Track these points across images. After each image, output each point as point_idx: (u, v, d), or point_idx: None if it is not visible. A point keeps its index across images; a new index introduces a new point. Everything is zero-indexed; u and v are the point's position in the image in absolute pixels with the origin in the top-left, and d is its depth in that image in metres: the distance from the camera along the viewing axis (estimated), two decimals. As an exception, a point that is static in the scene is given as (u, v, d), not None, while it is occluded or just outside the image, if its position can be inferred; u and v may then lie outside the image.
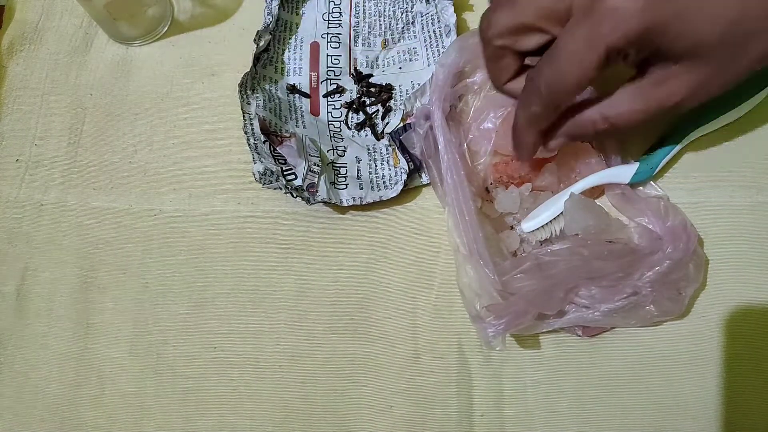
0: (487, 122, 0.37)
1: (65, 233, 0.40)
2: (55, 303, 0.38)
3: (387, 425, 0.35)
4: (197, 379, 0.36)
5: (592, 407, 0.34)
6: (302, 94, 0.42)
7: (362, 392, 0.36)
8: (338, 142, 0.41)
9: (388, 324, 0.37)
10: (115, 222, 0.40)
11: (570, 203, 0.34)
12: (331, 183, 0.38)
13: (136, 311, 0.38)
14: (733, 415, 0.34)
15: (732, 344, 0.35)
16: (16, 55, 0.45)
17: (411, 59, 0.42)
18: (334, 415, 0.35)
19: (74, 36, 0.45)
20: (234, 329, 0.37)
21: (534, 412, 0.34)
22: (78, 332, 0.38)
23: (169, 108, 0.43)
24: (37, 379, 0.37)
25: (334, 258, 0.38)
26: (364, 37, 0.43)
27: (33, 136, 0.43)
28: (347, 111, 0.42)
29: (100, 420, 0.36)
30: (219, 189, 0.40)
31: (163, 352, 0.37)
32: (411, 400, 0.35)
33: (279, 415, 0.36)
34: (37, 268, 0.39)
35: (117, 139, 0.42)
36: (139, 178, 0.41)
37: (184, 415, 0.36)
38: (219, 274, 0.38)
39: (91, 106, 0.43)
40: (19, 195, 0.41)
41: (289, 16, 0.44)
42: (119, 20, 0.42)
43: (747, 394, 0.34)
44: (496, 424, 0.34)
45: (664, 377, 0.34)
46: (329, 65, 0.43)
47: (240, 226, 0.39)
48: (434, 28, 0.42)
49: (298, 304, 0.37)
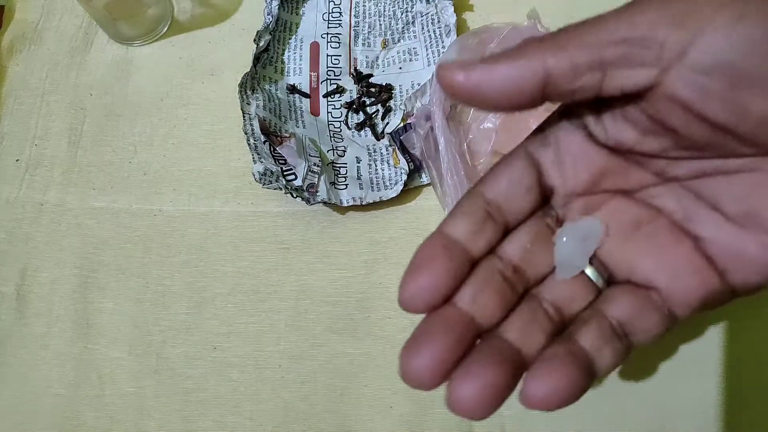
0: (487, 122, 0.37)
1: (65, 233, 0.40)
2: (54, 303, 0.38)
3: (387, 425, 0.35)
4: (197, 379, 0.36)
5: (591, 407, 0.34)
6: (302, 94, 0.42)
7: (362, 392, 0.36)
8: (338, 142, 0.41)
9: (388, 324, 0.37)
10: (115, 222, 0.40)
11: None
12: (331, 183, 0.38)
13: (135, 311, 0.38)
14: (733, 415, 0.34)
15: (732, 344, 0.35)
16: (16, 55, 0.45)
17: (411, 59, 0.42)
18: (334, 415, 0.35)
19: (74, 36, 0.45)
20: (234, 329, 0.37)
21: (534, 412, 0.34)
22: (78, 332, 0.38)
23: (169, 108, 0.43)
24: (37, 380, 0.37)
25: (334, 258, 0.38)
26: (364, 37, 0.43)
27: (33, 136, 0.43)
28: (347, 111, 0.42)
29: (100, 420, 0.36)
30: (219, 189, 0.40)
31: (163, 352, 0.37)
32: (411, 400, 0.35)
33: (279, 415, 0.35)
34: (36, 268, 0.39)
35: (117, 140, 0.42)
36: (139, 178, 0.41)
37: (184, 415, 0.36)
38: (219, 274, 0.38)
39: (90, 106, 0.43)
40: (19, 195, 0.41)
41: (289, 16, 0.44)
42: (119, 20, 0.43)
43: (747, 394, 0.34)
44: (495, 425, 0.34)
45: (664, 377, 0.34)
46: (329, 65, 0.43)
47: (240, 226, 0.39)
48: (434, 28, 0.42)
49: (298, 304, 0.37)
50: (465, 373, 0.18)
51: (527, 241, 0.21)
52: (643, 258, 0.21)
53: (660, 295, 0.21)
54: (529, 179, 0.21)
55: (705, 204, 0.21)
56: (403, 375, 0.19)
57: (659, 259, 0.21)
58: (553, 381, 0.19)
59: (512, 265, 0.21)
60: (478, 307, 0.20)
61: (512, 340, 0.20)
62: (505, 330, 0.20)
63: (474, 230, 0.21)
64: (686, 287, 0.20)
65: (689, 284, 0.20)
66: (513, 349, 0.20)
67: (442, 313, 0.20)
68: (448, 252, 0.20)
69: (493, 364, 0.19)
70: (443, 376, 0.18)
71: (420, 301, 0.19)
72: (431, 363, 0.18)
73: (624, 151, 0.21)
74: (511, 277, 0.21)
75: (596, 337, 0.20)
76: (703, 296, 0.20)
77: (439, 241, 0.20)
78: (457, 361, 0.19)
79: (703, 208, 0.21)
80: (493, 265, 0.21)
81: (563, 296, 0.21)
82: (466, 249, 0.20)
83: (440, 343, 0.19)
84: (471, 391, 0.18)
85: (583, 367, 0.19)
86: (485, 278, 0.20)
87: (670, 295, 0.21)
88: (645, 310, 0.21)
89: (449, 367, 0.19)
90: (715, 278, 0.20)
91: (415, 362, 0.18)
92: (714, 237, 0.20)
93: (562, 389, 0.19)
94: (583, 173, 0.22)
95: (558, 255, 0.21)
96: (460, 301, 0.20)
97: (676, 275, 0.21)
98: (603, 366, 0.20)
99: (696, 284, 0.20)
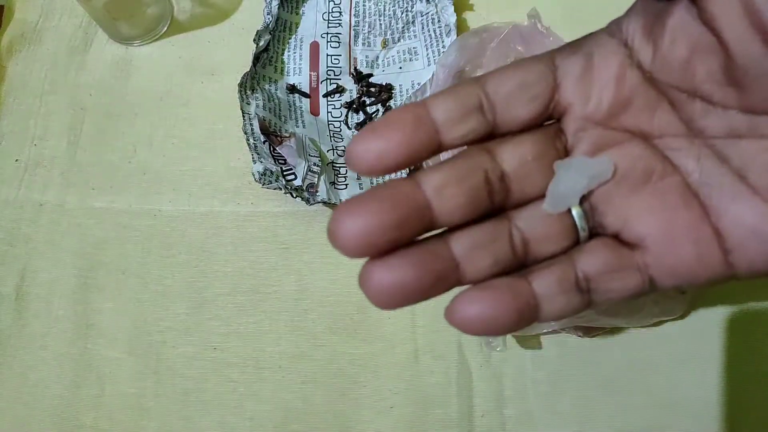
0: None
1: (64, 234, 0.40)
2: (54, 303, 0.38)
3: (387, 425, 0.35)
4: (197, 379, 0.36)
5: (592, 407, 0.34)
6: (302, 93, 0.42)
7: (362, 392, 0.36)
8: (338, 142, 0.41)
9: (387, 324, 0.37)
10: (115, 222, 0.40)
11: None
12: (330, 183, 0.38)
13: (135, 311, 0.38)
14: (734, 415, 0.33)
15: (732, 344, 0.35)
16: (16, 55, 0.45)
17: (411, 59, 0.42)
18: (334, 415, 0.35)
19: (73, 36, 0.45)
20: (234, 330, 0.37)
21: (534, 412, 0.34)
22: (77, 333, 0.38)
23: (168, 108, 0.43)
24: (37, 380, 0.37)
25: (334, 258, 0.38)
26: (364, 37, 0.43)
27: (32, 136, 0.42)
28: (347, 111, 0.42)
29: (99, 420, 0.36)
30: (219, 189, 0.40)
31: (163, 352, 0.37)
32: (411, 401, 0.35)
33: (279, 416, 0.35)
34: (36, 268, 0.39)
35: (116, 139, 0.42)
36: (138, 178, 0.41)
37: (184, 415, 0.36)
38: (219, 275, 0.38)
39: (90, 106, 0.43)
40: (18, 195, 0.41)
41: (288, 15, 0.44)
42: (119, 20, 0.42)
43: (747, 394, 0.34)
44: (496, 425, 0.34)
45: (664, 377, 0.34)
46: (329, 65, 0.43)
47: (240, 226, 0.39)
48: (434, 28, 0.42)
49: (298, 304, 0.37)
50: (384, 261, 0.17)
51: (529, 154, 0.19)
52: (642, 213, 0.19)
53: (645, 258, 0.19)
54: (541, 87, 0.19)
55: (729, 170, 0.18)
56: (329, 232, 0.17)
57: (660, 218, 0.19)
58: (481, 307, 0.17)
59: (501, 170, 0.19)
60: (440, 199, 0.18)
61: (456, 252, 0.18)
62: (455, 239, 0.18)
63: (456, 116, 0.18)
64: (680, 257, 0.18)
65: (684, 255, 0.18)
66: (450, 261, 0.18)
67: (395, 185, 0.17)
68: (416, 122, 0.18)
69: (416, 265, 0.17)
70: (368, 249, 0.17)
71: (364, 165, 0.17)
72: (360, 229, 0.17)
73: (662, 82, 0.19)
74: (495, 184, 0.19)
75: (552, 284, 0.18)
76: (695, 271, 0.18)
77: (412, 109, 0.18)
78: (390, 242, 0.17)
79: (726, 175, 0.18)
80: (481, 161, 0.19)
81: (537, 231, 0.19)
82: (438, 131, 0.18)
83: (378, 214, 0.17)
84: (382, 281, 0.17)
85: (522, 305, 0.18)
86: (464, 171, 0.18)
87: (658, 261, 0.18)
88: (622, 271, 0.18)
89: (378, 242, 0.17)
90: (717, 255, 0.18)
91: (345, 222, 0.17)
92: (729, 209, 0.18)
93: (488, 317, 0.17)
94: (607, 96, 0.19)
95: (556, 185, 0.19)
96: (425, 182, 0.18)
97: (674, 241, 0.18)
98: (548, 314, 0.18)
99: (692, 257, 0.18)
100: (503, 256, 0.18)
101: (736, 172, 0.18)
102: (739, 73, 0.17)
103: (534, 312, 0.18)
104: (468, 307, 0.18)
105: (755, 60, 0.17)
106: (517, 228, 0.19)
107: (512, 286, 0.18)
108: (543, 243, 0.19)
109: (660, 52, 0.19)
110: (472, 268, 0.18)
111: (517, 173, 0.19)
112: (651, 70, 0.19)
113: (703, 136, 0.19)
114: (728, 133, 0.18)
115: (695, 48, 0.18)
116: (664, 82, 0.19)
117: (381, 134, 0.18)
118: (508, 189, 0.19)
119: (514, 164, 0.19)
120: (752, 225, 0.18)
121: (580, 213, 0.19)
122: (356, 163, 0.18)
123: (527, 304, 0.18)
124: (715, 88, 0.18)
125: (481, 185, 0.18)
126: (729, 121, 0.18)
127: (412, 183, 0.18)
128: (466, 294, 0.18)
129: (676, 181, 0.19)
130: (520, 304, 0.18)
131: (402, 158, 0.18)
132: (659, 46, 0.19)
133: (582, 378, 0.35)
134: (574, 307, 0.19)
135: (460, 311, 0.18)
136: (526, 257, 0.19)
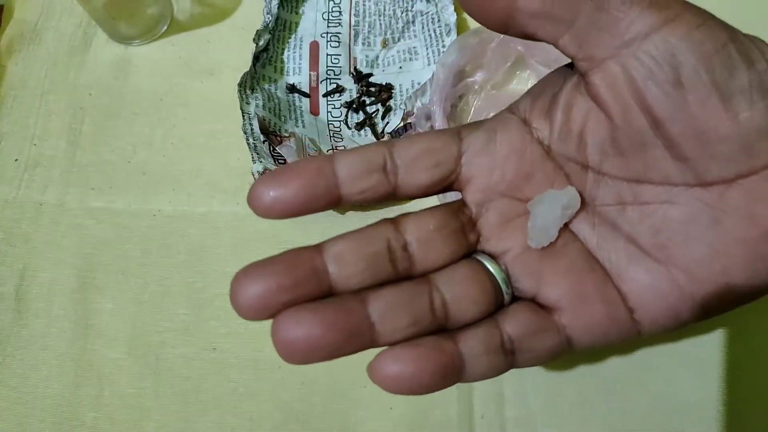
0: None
1: (64, 234, 0.40)
2: (54, 304, 0.38)
3: (387, 426, 0.35)
4: (196, 380, 0.36)
5: (592, 409, 0.34)
6: (302, 93, 0.42)
7: (362, 393, 0.35)
8: (338, 141, 0.41)
9: (387, 325, 0.36)
10: (114, 222, 0.40)
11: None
12: (330, 183, 0.38)
13: (135, 312, 0.38)
14: (734, 415, 0.33)
15: (732, 344, 0.35)
16: (15, 54, 0.45)
17: (411, 58, 0.42)
18: (334, 415, 0.35)
19: (73, 35, 0.45)
20: (233, 330, 0.37)
21: (534, 413, 0.34)
22: (77, 333, 0.38)
23: (168, 108, 0.43)
24: (36, 380, 0.37)
25: (333, 258, 0.38)
26: (364, 37, 0.43)
27: (32, 136, 0.42)
28: (347, 110, 0.42)
29: (99, 421, 0.36)
30: (218, 189, 0.40)
31: (163, 353, 0.37)
32: (411, 402, 0.35)
33: (279, 416, 0.35)
34: (35, 268, 0.39)
35: (116, 139, 0.42)
36: (137, 178, 0.41)
37: (184, 416, 0.36)
38: (218, 275, 0.38)
39: (89, 106, 0.43)
40: (18, 195, 0.41)
41: (288, 15, 0.43)
42: (118, 20, 0.42)
43: (747, 395, 0.34)
44: (496, 426, 0.34)
45: (665, 378, 0.34)
46: (329, 65, 0.42)
47: (239, 226, 0.39)
48: (434, 28, 0.42)
49: (298, 304, 0.37)
50: (294, 315, 0.17)
51: (431, 224, 0.20)
52: (553, 278, 0.20)
53: (562, 319, 0.19)
54: (445, 155, 0.20)
55: (621, 235, 0.20)
56: (231, 295, 0.18)
57: (570, 281, 0.20)
58: (403, 366, 0.17)
59: (404, 240, 0.19)
60: (338, 265, 0.18)
61: (371, 310, 0.18)
62: (373, 298, 0.18)
63: (357, 173, 0.19)
64: (592, 317, 0.19)
65: (596, 314, 0.19)
66: (364, 319, 0.18)
67: (297, 251, 0.18)
68: (318, 173, 0.18)
69: (324, 321, 0.17)
70: (264, 312, 0.17)
71: (261, 207, 0.18)
72: (256, 293, 0.17)
73: (560, 155, 0.20)
74: (397, 252, 0.19)
75: (479, 344, 0.19)
76: (608, 330, 0.19)
77: (317, 160, 0.19)
78: (286, 305, 0.17)
79: (619, 240, 0.20)
80: (385, 231, 0.19)
81: (457, 294, 0.19)
82: (338, 184, 0.19)
83: (273, 276, 0.17)
84: (289, 335, 0.17)
85: (447, 363, 0.18)
86: (366, 240, 0.19)
87: (573, 321, 0.19)
88: (542, 333, 0.19)
89: (274, 305, 0.17)
90: (624, 314, 0.19)
91: (242, 286, 0.17)
92: (627, 271, 0.19)
93: (408, 375, 0.17)
94: (510, 168, 0.20)
95: (534, 221, 0.20)
96: (327, 249, 0.18)
97: (585, 302, 0.19)
98: (472, 374, 0.19)
99: (603, 315, 0.19)
100: (421, 317, 0.18)
101: (627, 236, 0.20)
102: (623, 144, 0.19)
103: (458, 372, 0.18)
104: (390, 365, 0.18)
105: (636, 131, 0.18)
106: (438, 290, 0.19)
107: (438, 344, 0.18)
108: (464, 305, 0.19)
109: (555, 126, 0.20)
110: (387, 328, 0.18)
111: (420, 242, 0.19)
112: (549, 144, 0.20)
113: (594, 204, 0.20)
114: (617, 201, 0.20)
115: (585, 121, 0.19)
116: (561, 154, 0.20)
117: (282, 180, 0.18)
118: (411, 257, 0.19)
119: (417, 234, 0.19)
120: (649, 284, 0.19)
121: (504, 277, 0.20)
122: (254, 205, 0.18)
123: (452, 363, 0.18)
124: (603, 158, 0.19)
125: (382, 253, 0.19)
126: (617, 189, 0.20)
127: (313, 249, 0.19)
128: (389, 351, 0.18)
129: (578, 247, 0.20)
130: (445, 362, 0.18)
131: (298, 205, 0.19)
132: (554, 121, 0.20)
133: (582, 379, 0.35)
134: (497, 368, 0.19)
135: (382, 369, 0.18)
136: (446, 320, 0.19)
